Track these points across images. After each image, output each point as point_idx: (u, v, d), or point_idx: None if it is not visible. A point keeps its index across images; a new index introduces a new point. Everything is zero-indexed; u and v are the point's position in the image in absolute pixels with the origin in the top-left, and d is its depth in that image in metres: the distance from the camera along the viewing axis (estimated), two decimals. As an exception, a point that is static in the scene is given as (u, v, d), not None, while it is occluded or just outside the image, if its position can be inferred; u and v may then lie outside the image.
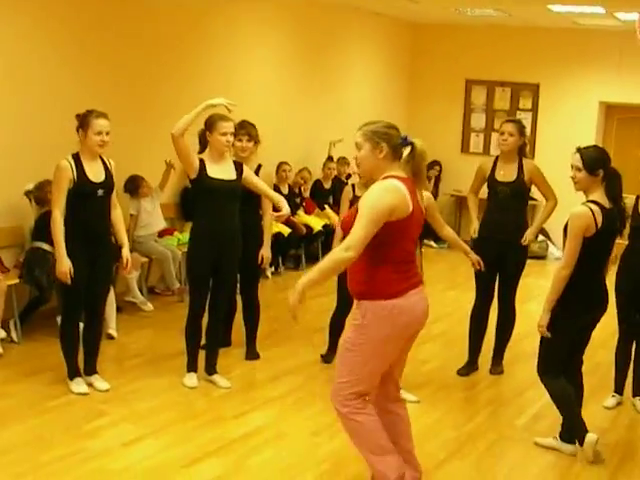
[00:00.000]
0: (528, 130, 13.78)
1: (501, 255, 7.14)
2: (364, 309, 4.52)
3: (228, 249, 6.58)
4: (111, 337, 7.84)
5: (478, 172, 7.39)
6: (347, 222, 4.54)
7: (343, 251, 4.34)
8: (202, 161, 6.45)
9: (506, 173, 7.17)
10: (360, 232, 4.34)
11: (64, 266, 6.14)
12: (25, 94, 8.04)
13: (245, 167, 6.66)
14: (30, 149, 8.03)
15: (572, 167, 5.64)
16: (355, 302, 4.65)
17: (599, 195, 5.54)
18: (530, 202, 7.80)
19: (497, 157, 7.30)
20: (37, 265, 7.49)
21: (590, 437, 5.69)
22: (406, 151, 4.54)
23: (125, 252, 6.50)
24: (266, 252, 7.25)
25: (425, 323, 4.71)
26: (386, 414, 4.83)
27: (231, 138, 6.50)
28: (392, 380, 4.83)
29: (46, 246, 7.35)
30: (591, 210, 5.45)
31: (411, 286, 4.53)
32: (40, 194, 7.66)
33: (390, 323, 4.47)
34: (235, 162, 6.63)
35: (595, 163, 5.56)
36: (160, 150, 8.75)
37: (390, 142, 4.52)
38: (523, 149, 7.29)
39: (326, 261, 4.43)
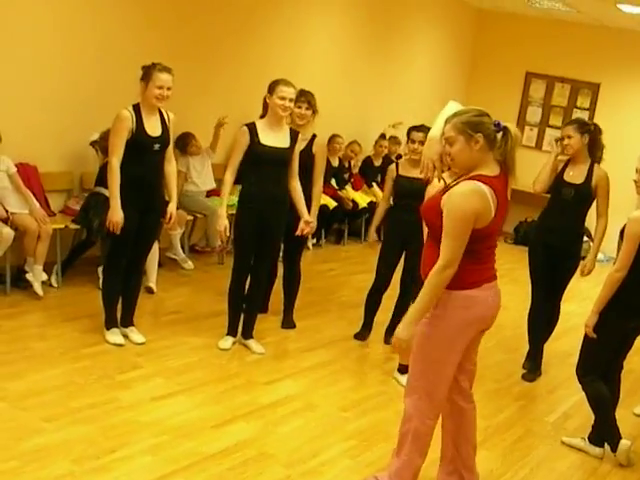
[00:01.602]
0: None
1: (555, 262, 6.99)
2: (439, 300, 4.35)
3: (274, 215, 6.58)
4: (151, 290, 7.90)
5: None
6: (428, 209, 4.39)
7: (443, 270, 4.19)
8: (254, 127, 6.46)
9: (574, 174, 6.95)
10: (453, 246, 4.17)
11: (117, 216, 6.16)
12: (87, 44, 8.05)
13: (299, 138, 6.66)
14: (91, 99, 8.06)
15: (637, 171, 5.59)
16: None
17: None
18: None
19: (569, 159, 7.02)
20: (92, 208, 7.57)
21: (624, 443, 5.68)
22: (500, 137, 4.29)
23: (171, 207, 6.50)
24: (312, 222, 7.23)
25: (495, 318, 4.58)
26: (459, 414, 4.76)
27: (289, 104, 6.49)
28: (465, 373, 4.70)
29: (106, 192, 7.41)
30: None
31: (487, 279, 4.39)
32: (106, 144, 7.70)
33: (463, 314, 4.35)
34: (292, 130, 6.62)
35: None
36: (214, 108, 8.75)
37: (485, 131, 4.25)
38: (592, 150, 6.98)
39: (429, 284, 4.23)
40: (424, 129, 6.98)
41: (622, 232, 5.51)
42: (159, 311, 7.56)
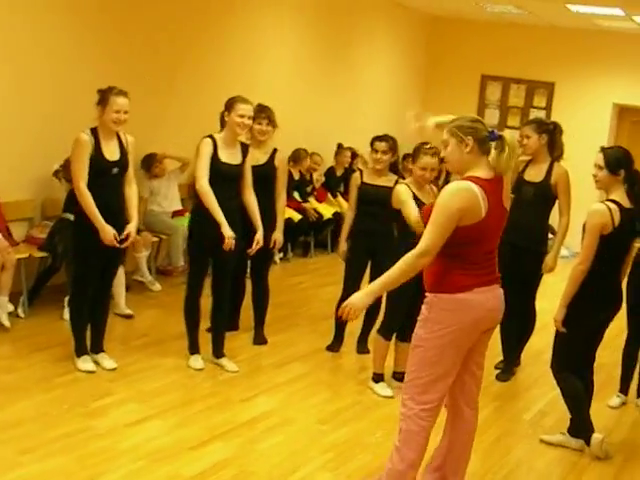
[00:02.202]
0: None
1: (521, 262, 6.99)
2: (429, 303, 4.44)
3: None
4: (129, 316, 7.89)
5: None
6: (427, 213, 4.43)
7: (418, 257, 4.27)
8: (214, 142, 6.46)
9: (534, 173, 7.02)
10: (432, 237, 4.26)
11: (108, 234, 6.14)
12: (43, 72, 8.01)
13: (249, 152, 6.69)
14: (49, 126, 8.04)
15: (595, 166, 5.66)
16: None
17: (619, 195, 5.56)
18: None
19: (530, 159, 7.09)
20: (57, 233, 7.53)
21: (595, 437, 5.73)
22: (495, 145, 4.40)
23: (130, 227, 6.36)
24: (279, 236, 7.24)
25: (496, 321, 4.62)
26: (457, 418, 4.76)
27: (248, 121, 6.49)
28: (473, 379, 4.71)
29: (72, 217, 7.39)
30: (609, 208, 5.48)
31: (481, 283, 4.40)
32: (69, 172, 7.67)
33: (454, 317, 4.37)
34: (242, 144, 6.65)
35: (617, 163, 5.58)
36: (178, 127, 8.73)
37: (476, 135, 4.36)
38: (551, 149, 7.06)
39: (400, 265, 4.32)
40: (386, 139, 7.02)
41: (585, 226, 5.57)
42: (129, 335, 7.50)
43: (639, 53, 13.17)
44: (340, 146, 12.31)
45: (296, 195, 11.24)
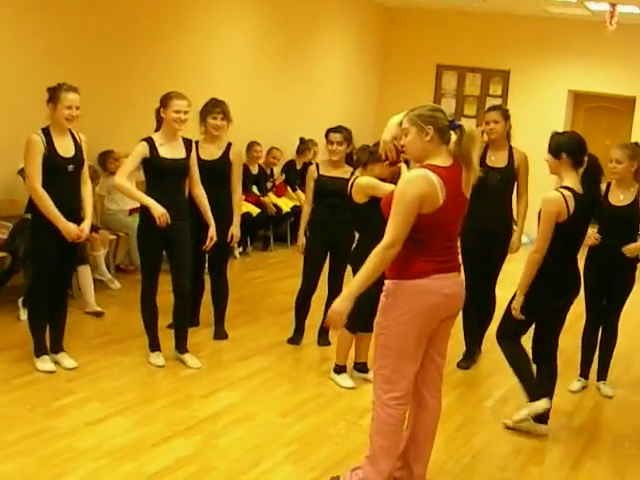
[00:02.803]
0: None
1: (488, 247, 7.04)
2: (387, 290, 4.47)
3: (179, 226, 6.52)
4: (99, 314, 7.91)
5: None
6: (386, 205, 4.46)
7: (386, 249, 4.29)
8: (152, 141, 6.45)
9: (497, 159, 7.07)
10: (396, 226, 4.28)
11: (70, 231, 6.14)
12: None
13: (194, 147, 6.70)
14: (4, 125, 7.99)
15: (548, 150, 5.74)
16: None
17: (572, 181, 5.58)
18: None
19: (487, 144, 7.11)
20: (19, 234, 7.47)
21: (543, 402, 5.82)
22: (454, 135, 4.41)
23: (84, 224, 6.32)
24: (235, 230, 7.23)
25: (457, 308, 4.64)
26: (419, 406, 4.76)
27: (185, 116, 6.48)
28: (435, 367, 4.72)
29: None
30: (563, 195, 5.50)
31: (440, 270, 4.42)
32: None
33: (412, 303, 4.40)
34: (185, 140, 6.62)
35: (558, 148, 5.64)
36: (134, 123, 8.68)
37: (436, 125, 4.37)
38: (509, 134, 7.20)
39: (371, 260, 4.34)
40: (341, 130, 7.02)
41: (539, 214, 5.60)
42: (89, 333, 7.45)
43: (593, 39, 13.24)
44: (302, 141, 12.29)
45: (255, 189, 11.22)
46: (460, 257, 4.69)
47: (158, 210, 6.31)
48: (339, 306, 4.42)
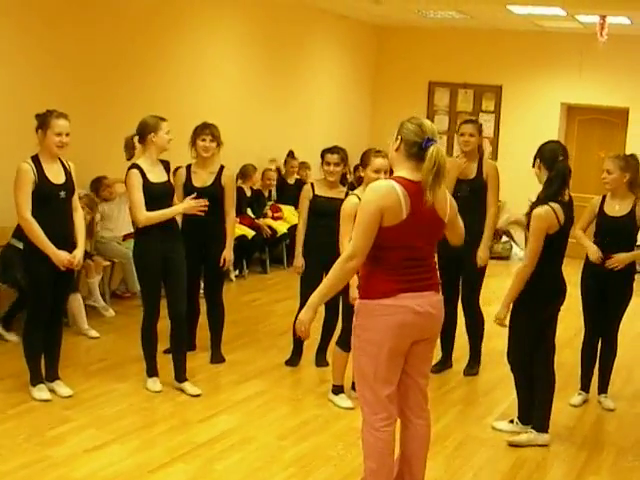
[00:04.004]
0: (491, 132, 14.01)
1: (461, 258, 7.00)
2: (357, 309, 4.43)
3: (174, 248, 6.55)
4: (96, 337, 7.95)
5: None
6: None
7: (346, 260, 4.27)
8: (140, 168, 6.44)
9: (467, 171, 7.15)
10: (357, 237, 4.26)
11: (61, 259, 6.11)
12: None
13: (170, 167, 6.71)
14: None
15: (534, 163, 5.80)
16: None
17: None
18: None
19: (457, 157, 7.28)
20: (14, 265, 7.36)
21: (546, 437, 5.94)
22: (426, 152, 4.23)
23: (76, 252, 6.27)
24: (228, 254, 7.19)
25: (434, 328, 4.54)
26: (405, 428, 4.68)
27: (169, 139, 6.48)
28: (418, 389, 4.61)
29: (19, 244, 7.29)
30: (553, 209, 5.53)
31: (409, 289, 4.33)
32: None
33: (379, 324, 4.32)
34: (162, 161, 6.62)
35: (536, 155, 5.75)
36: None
37: (404, 137, 4.30)
38: (481, 148, 7.34)
39: (332, 272, 4.33)
40: (337, 150, 6.98)
41: (528, 226, 5.65)
42: (85, 360, 7.41)
43: (584, 51, 13.25)
44: (290, 154, 12.28)
45: (249, 212, 11.17)
46: (438, 276, 4.59)
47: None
48: (302, 316, 4.44)
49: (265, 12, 11.83)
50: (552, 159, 5.70)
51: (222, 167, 7.19)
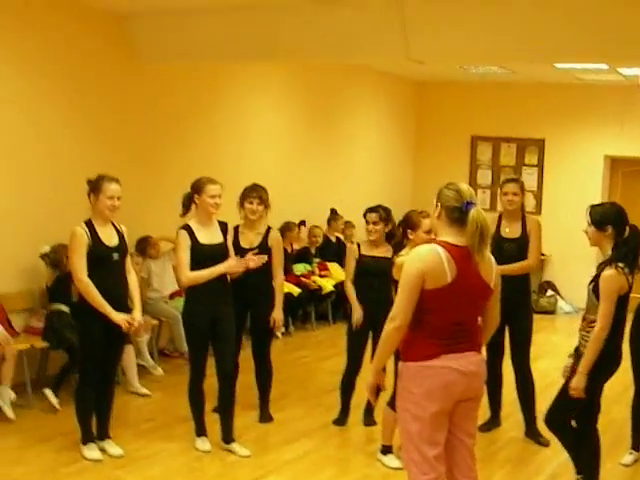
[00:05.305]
0: (535, 185, 14.00)
1: (509, 315, 6.87)
2: (400, 372, 4.49)
3: (223, 309, 6.59)
4: (147, 394, 8.08)
5: None
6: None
7: (388, 322, 4.34)
8: (190, 228, 6.51)
9: (512, 230, 7.17)
10: (399, 300, 4.32)
11: (120, 319, 6.21)
12: (33, 159, 8.13)
13: (229, 228, 6.77)
14: (40, 213, 8.11)
15: (588, 223, 5.73)
16: None
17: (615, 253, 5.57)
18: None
19: (500, 215, 7.29)
20: (63, 328, 7.50)
21: None
22: (468, 216, 4.28)
23: (136, 314, 6.45)
24: (278, 315, 7.23)
25: (477, 387, 4.54)
26: None
27: (219, 201, 6.55)
28: (464, 448, 4.59)
29: (64, 307, 7.40)
30: (622, 269, 5.48)
31: (450, 351, 4.34)
32: (57, 256, 7.72)
33: (420, 385, 4.35)
34: (220, 222, 6.69)
35: (602, 219, 5.63)
36: (169, 208, 8.82)
37: (444, 203, 4.37)
38: (523, 205, 7.35)
39: (381, 336, 4.42)
40: (377, 209, 7.05)
41: (594, 289, 5.54)
42: (134, 420, 7.46)
43: (626, 103, 13.26)
44: (334, 212, 12.34)
45: (295, 269, 11.18)
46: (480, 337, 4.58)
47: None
48: (369, 379, 4.54)
49: (307, 69, 11.96)
50: (624, 224, 5.67)
51: (269, 228, 7.28)
